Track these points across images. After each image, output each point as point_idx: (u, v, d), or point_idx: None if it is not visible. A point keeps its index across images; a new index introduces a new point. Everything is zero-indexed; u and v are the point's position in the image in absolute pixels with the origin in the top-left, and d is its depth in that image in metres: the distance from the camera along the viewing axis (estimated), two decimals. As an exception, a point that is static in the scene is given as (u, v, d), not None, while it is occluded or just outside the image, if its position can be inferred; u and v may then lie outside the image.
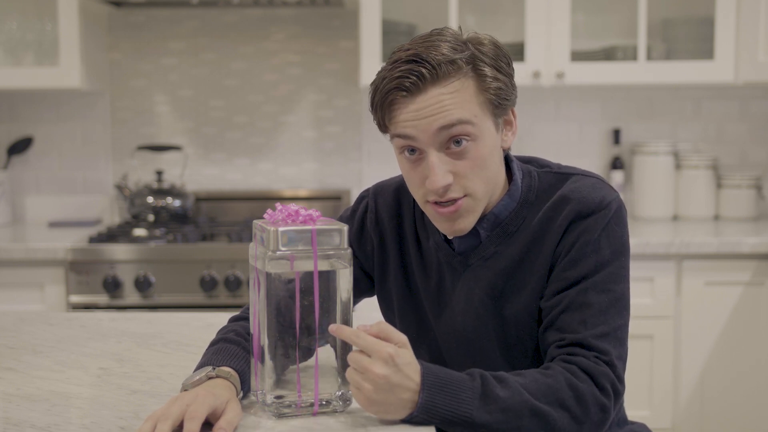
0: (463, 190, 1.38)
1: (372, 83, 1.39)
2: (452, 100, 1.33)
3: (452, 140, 1.35)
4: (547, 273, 1.41)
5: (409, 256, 1.54)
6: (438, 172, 1.35)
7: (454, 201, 1.38)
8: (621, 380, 1.36)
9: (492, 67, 1.36)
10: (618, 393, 1.35)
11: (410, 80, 1.33)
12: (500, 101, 1.38)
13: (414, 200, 1.53)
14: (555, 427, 1.28)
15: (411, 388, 1.23)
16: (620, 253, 1.41)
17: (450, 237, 1.46)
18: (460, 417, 1.23)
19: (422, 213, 1.53)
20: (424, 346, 1.54)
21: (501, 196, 1.45)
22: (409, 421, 1.24)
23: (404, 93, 1.33)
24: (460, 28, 1.42)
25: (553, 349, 1.38)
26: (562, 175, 1.47)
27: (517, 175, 1.47)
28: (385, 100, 1.35)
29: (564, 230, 1.40)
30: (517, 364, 1.45)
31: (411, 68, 1.33)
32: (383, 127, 1.40)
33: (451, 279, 1.49)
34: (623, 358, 1.38)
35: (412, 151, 1.38)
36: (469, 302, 1.47)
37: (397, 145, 1.39)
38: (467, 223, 1.41)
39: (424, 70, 1.32)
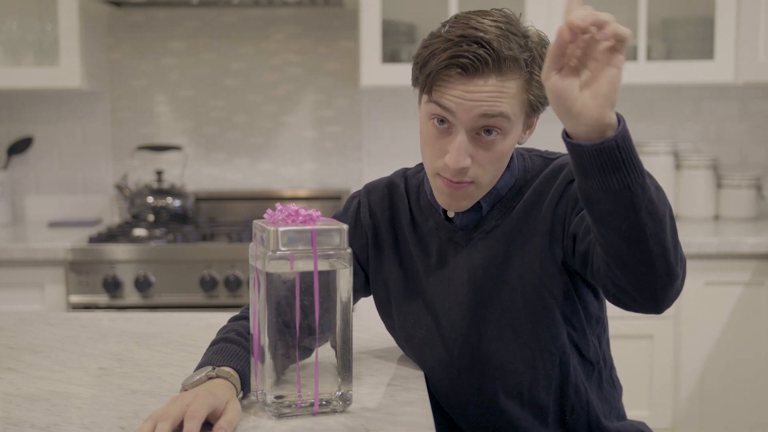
0: (473, 177, 1.41)
1: (426, 45, 1.40)
2: (503, 93, 1.36)
3: (484, 129, 1.38)
4: (548, 231, 1.44)
5: (404, 244, 1.57)
6: (461, 153, 1.38)
7: (461, 182, 1.42)
8: None
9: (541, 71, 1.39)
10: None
11: (473, 64, 1.34)
12: (540, 106, 1.42)
13: (407, 190, 1.59)
14: (677, 258, 1.23)
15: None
16: None
17: (447, 210, 1.50)
18: (637, 167, 1.20)
19: (418, 199, 1.57)
20: (425, 328, 1.55)
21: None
22: (608, 140, 1.20)
23: (461, 71, 1.35)
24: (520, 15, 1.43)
25: None
26: (549, 159, 1.53)
27: (514, 154, 1.52)
28: (440, 67, 1.36)
29: (562, 191, 1.44)
30: (522, 331, 1.46)
31: (477, 53, 1.34)
32: (423, 87, 1.40)
33: (454, 254, 1.52)
34: None
35: (441, 121, 1.40)
36: (472, 272, 1.49)
37: (429, 110, 1.40)
38: (466, 205, 1.47)
39: (489, 59, 1.34)
